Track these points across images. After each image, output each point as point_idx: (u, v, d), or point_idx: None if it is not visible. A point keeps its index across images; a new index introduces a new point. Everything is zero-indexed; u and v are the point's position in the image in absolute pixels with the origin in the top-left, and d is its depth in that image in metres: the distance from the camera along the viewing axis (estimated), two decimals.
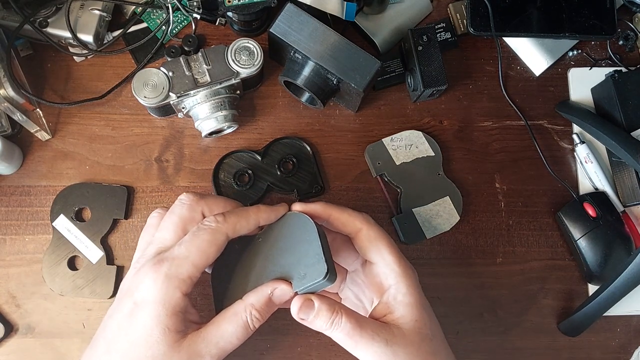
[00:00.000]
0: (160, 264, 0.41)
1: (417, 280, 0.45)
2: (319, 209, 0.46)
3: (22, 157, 0.56)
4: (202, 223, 0.43)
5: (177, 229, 0.43)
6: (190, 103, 0.54)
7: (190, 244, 0.42)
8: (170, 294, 0.40)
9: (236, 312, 0.42)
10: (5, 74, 0.52)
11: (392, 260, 0.45)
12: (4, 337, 0.53)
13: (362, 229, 0.46)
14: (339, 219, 0.46)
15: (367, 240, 0.46)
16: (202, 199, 0.45)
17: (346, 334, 0.42)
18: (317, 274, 0.41)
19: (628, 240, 0.56)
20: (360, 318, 0.42)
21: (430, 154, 0.58)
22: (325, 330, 0.42)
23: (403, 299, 0.44)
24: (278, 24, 0.52)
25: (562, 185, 0.59)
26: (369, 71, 0.51)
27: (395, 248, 0.46)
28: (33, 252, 0.55)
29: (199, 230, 0.42)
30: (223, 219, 0.43)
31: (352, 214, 0.46)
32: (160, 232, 0.44)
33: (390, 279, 0.45)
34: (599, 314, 0.54)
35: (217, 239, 0.42)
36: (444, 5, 0.62)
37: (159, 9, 0.59)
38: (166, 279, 0.40)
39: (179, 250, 0.41)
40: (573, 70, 0.62)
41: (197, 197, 0.44)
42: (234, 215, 0.44)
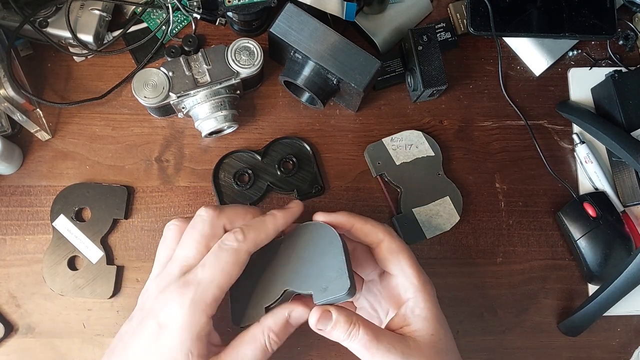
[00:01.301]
0: (187, 288, 0.41)
1: (434, 294, 0.46)
2: (343, 219, 0.47)
3: (22, 157, 0.56)
4: (224, 242, 0.43)
5: (200, 247, 0.43)
6: (190, 103, 0.54)
7: (215, 266, 0.42)
8: (197, 319, 0.40)
9: (254, 335, 0.43)
10: (5, 74, 0.52)
11: (411, 274, 0.45)
12: (4, 337, 0.53)
13: (383, 241, 0.46)
14: (361, 229, 0.47)
15: (389, 252, 0.46)
16: (222, 212, 0.45)
17: (363, 345, 0.42)
18: (339, 289, 0.42)
19: (628, 240, 0.56)
20: (377, 330, 0.43)
21: (430, 154, 0.58)
22: (342, 341, 0.43)
23: (420, 312, 0.44)
24: (278, 24, 0.52)
25: (562, 185, 0.59)
26: (369, 71, 0.51)
27: (415, 261, 0.46)
28: (33, 252, 0.55)
29: (221, 251, 0.42)
30: (243, 237, 0.43)
31: (375, 225, 0.47)
32: (183, 250, 0.43)
33: (409, 292, 0.45)
34: (599, 314, 0.54)
35: (239, 259, 0.42)
36: (444, 5, 0.62)
37: (159, 9, 0.59)
38: (192, 304, 0.40)
39: (203, 274, 0.41)
40: (573, 70, 0.62)
41: (216, 212, 0.44)
42: (253, 230, 0.44)
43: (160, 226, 0.56)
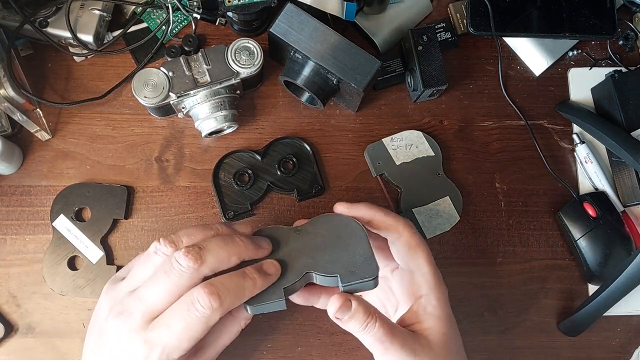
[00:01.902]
0: (150, 348, 0.40)
1: (447, 294, 0.46)
2: (364, 211, 0.46)
3: (22, 157, 0.56)
4: (195, 306, 0.39)
5: (171, 297, 0.40)
6: (190, 103, 0.54)
7: (181, 332, 0.40)
8: None
9: (231, 329, 0.46)
10: (5, 74, 0.52)
11: (428, 271, 0.45)
12: (4, 337, 0.53)
13: (403, 235, 0.46)
14: (383, 222, 0.46)
15: (408, 247, 0.46)
16: (204, 264, 0.41)
17: (377, 339, 0.42)
18: (368, 273, 0.43)
19: (628, 240, 0.56)
20: (392, 325, 0.43)
21: (430, 154, 0.58)
22: (356, 333, 0.42)
23: (433, 311, 0.44)
24: (278, 24, 0.52)
25: (562, 185, 0.59)
26: (369, 71, 0.51)
27: (432, 259, 0.46)
28: (33, 252, 0.55)
29: (190, 317, 0.39)
30: (218, 304, 0.40)
31: (396, 219, 0.46)
32: (151, 293, 0.41)
33: (422, 289, 0.45)
34: (599, 314, 0.54)
35: (209, 325, 0.40)
36: (444, 5, 0.62)
37: (159, 9, 0.59)
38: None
39: (169, 338, 0.40)
40: (573, 70, 0.62)
41: (197, 264, 0.40)
42: (230, 297, 0.40)
43: (160, 226, 0.56)
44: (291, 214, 0.57)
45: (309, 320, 0.55)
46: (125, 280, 0.44)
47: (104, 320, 0.43)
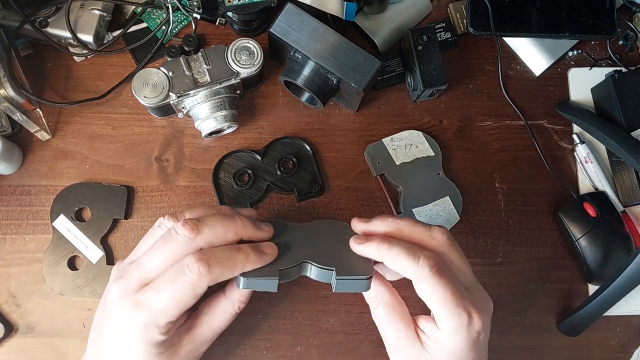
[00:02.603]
0: (139, 310, 0.41)
1: (477, 329, 0.43)
2: (373, 253, 0.44)
3: (22, 157, 0.56)
4: (184, 271, 0.41)
5: (165, 264, 0.42)
6: (190, 103, 0.54)
7: (169, 296, 0.41)
8: (152, 337, 0.42)
9: (225, 310, 0.46)
10: (5, 74, 0.52)
11: (445, 318, 0.43)
12: (4, 336, 0.53)
13: (414, 281, 0.43)
14: (392, 265, 0.43)
15: (420, 293, 0.43)
16: (200, 234, 0.42)
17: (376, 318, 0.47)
18: (363, 272, 0.43)
19: (628, 240, 0.56)
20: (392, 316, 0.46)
21: (430, 154, 0.58)
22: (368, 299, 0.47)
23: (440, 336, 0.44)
24: (278, 24, 0.52)
25: (562, 185, 0.59)
26: (369, 71, 0.51)
27: (451, 298, 0.42)
28: (33, 252, 0.55)
29: (179, 281, 0.41)
30: (207, 270, 0.41)
31: (406, 264, 0.42)
32: (148, 260, 0.43)
33: (441, 325, 0.44)
34: (599, 314, 0.54)
35: (196, 292, 0.41)
36: (444, 5, 0.62)
37: (159, 9, 0.59)
38: (145, 327, 0.41)
39: (156, 301, 0.41)
40: (573, 70, 0.62)
41: (193, 234, 0.42)
42: (220, 266, 0.41)
43: None
44: (291, 214, 0.57)
45: (309, 320, 0.55)
46: (131, 254, 0.47)
47: (107, 289, 0.45)
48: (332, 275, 0.44)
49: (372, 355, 0.55)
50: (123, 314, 0.42)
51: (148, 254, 0.43)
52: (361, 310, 0.55)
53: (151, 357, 0.42)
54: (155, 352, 0.42)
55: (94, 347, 0.45)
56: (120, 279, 0.43)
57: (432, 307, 0.43)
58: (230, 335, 0.49)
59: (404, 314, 0.46)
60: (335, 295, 0.56)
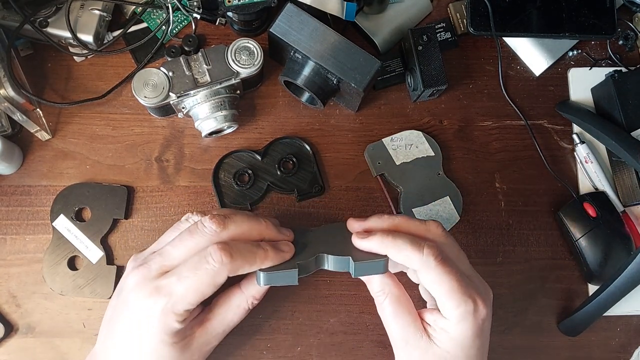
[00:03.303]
0: (158, 295, 0.42)
1: (481, 317, 0.44)
2: (376, 247, 0.45)
3: (22, 157, 0.56)
4: (207, 259, 0.42)
5: (189, 253, 0.44)
6: (190, 103, 0.54)
7: (190, 283, 0.42)
8: (169, 324, 0.43)
9: (239, 304, 0.47)
10: (5, 74, 0.52)
11: (450, 306, 0.43)
12: (4, 337, 0.53)
13: (419, 271, 0.44)
14: (395, 259, 0.44)
15: (424, 283, 0.44)
16: (226, 230, 0.44)
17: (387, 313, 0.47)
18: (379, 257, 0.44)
19: (628, 240, 0.56)
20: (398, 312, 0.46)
21: (430, 154, 0.58)
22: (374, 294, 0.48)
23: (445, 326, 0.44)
24: (278, 24, 0.52)
25: (562, 185, 0.59)
26: (369, 71, 0.51)
27: (456, 288, 0.43)
28: (33, 252, 0.55)
29: (200, 268, 0.42)
30: (229, 260, 0.42)
31: (411, 254, 0.43)
32: (172, 249, 0.44)
33: (446, 314, 0.44)
34: (599, 314, 0.54)
35: (216, 281, 0.42)
36: (444, 5, 0.62)
37: (159, 9, 0.59)
38: (163, 313, 0.42)
39: (177, 287, 0.42)
40: (573, 70, 0.62)
41: (220, 228, 0.44)
42: (241, 258, 0.43)
43: (160, 226, 0.56)
44: (291, 214, 0.57)
45: (309, 320, 0.55)
46: (153, 244, 0.47)
47: (125, 278, 0.46)
48: (349, 263, 0.44)
49: (372, 355, 0.55)
50: (141, 300, 0.42)
51: (172, 244, 0.44)
52: (361, 310, 0.56)
53: (165, 346, 0.43)
54: (170, 342, 0.43)
55: (105, 336, 0.45)
56: (141, 266, 0.44)
57: (438, 296, 0.44)
58: (231, 335, 0.48)
59: (410, 308, 0.46)
60: (335, 295, 0.56)
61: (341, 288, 0.56)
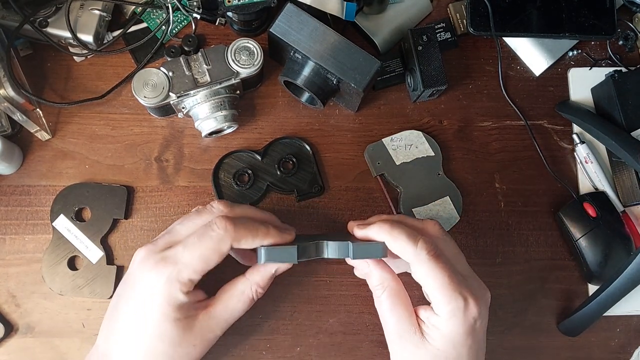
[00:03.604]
0: (164, 265, 0.43)
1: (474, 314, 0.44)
2: (374, 234, 0.46)
3: (22, 157, 0.56)
4: (211, 227, 0.43)
5: (195, 228, 0.45)
6: (190, 103, 0.54)
7: (195, 250, 0.43)
8: (173, 294, 0.43)
9: (243, 291, 0.47)
10: (5, 74, 0.52)
11: (441, 301, 0.43)
12: (4, 337, 0.53)
13: (412, 263, 0.44)
14: (392, 247, 0.45)
15: (416, 276, 0.45)
16: (232, 211, 0.46)
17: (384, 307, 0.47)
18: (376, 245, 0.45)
19: (628, 240, 0.56)
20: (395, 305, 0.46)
21: (430, 154, 0.58)
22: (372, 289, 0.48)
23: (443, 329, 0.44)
24: (278, 24, 0.52)
25: (562, 185, 0.59)
26: (369, 71, 0.51)
27: (447, 282, 0.43)
28: (33, 252, 0.55)
29: (205, 235, 0.43)
30: (232, 228, 0.43)
31: (405, 245, 0.44)
32: (181, 227, 0.46)
33: (438, 310, 0.44)
34: (599, 314, 0.54)
35: (221, 248, 0.43)
36: (444, 5, 0.62)
37: (159, 9, 0.59)
38: (167, 282, 0.43)
39: (182, 255, 0.43)
40: (573, 70, 0.62)
41: (227, 209, 0.46)
42: (244, 229, 0.44)
43: (160, 226, 0.56)
44: (291, 214, 0.57)
45: (309, 320, 0.55)
46: (164, 236, 0.47)
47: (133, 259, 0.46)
48: (347, 247, 0.45)
49: (372, 355, 0.55)
50: (146, 273, 0.43)
51: (180, 222, 0.46)
52: (361, 310, 0.55)
53: (168, 322, 0.43)
54: (173, 317, 0.43)
55: (108, 326, 0.46)
56: (149, 244, 0.45)
57: (429, 291, 0.44)
58: (230, 335, 0.48)
59: (407, 303, 0.47)
60: (334, 295, 0.56)
61: (341, 288, 0.56)
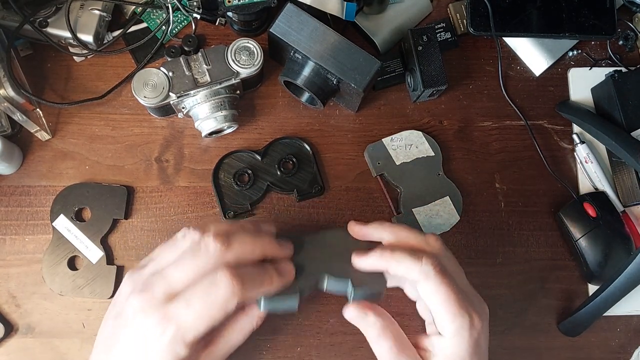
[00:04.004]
0: (168, 323, 0.40)
1: (477, 332, 0.43)
2: (377, 263, 0.45)
3: (22, 157, 0.56)
4: (218, 285, 0.40)
5: (194, 276, 0.41)
6: (190, 103, 0.54)
7: (200, 310, 0.40)
8: (177, 351, 0.40)
9: (244, 326, 0.46)
10: (5, 74, 0.52)
11: (446, 318, 0.43)
12: (4, 337, 0.53)
13: (418, 282, 0.44)
14: (395, 272, 0.44)
15: (422, 294, 0.44)
16: (229, 249, 0.42)
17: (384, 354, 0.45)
18: (377, 286, 0.45)
19: (628, 240, 0.56)
20: (401, 348, 0.45)
21: (430, 154, 0.58)
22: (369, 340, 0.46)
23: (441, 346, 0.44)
24: (278, 24, 0.52)
25: (562, 185, 0.59)
26: (369, 71, 0.51)
27: (453, 299, 0.43)
28: (33, 252, 0.55)
29: (211, 295, 0.40)
30: (241, 287, 0.40)
31: (410, 265, 0.43)
32: (175, 272, 0.42)
33: (443, 330, 0.44)
34: (599, 314, 0.54)
35: (227, 309, 0.41)
36: (444, 5, 0.62)
37: (159, 9, 0.59)
38: (172, 341, 0.40)
39: (186, 315, 0.40)
40: (573, 70, 0.62)
41: (224, 247, 0.42)
42: (251, 284, 0.41)
43: (160, 226, 0.56)
44: (291, 214, 0.57)
45: (309, 320, 0.55)
46: (150, 264, 0.44)
47: (124, 300, 0.43)
48: (347, 285, 0.45)
49: (372, 355, 0.55)
50: (149, 327, 0.40)
51: (175, 266, 0.42)
52: None
53: None
54: None
55: (105, 353, 0.43)
56: (143, 291, 0.42)
57: (435, 308, 0.43)
58: None
59: (408, 344, 0.46)
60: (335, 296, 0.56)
61: None
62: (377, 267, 0.45)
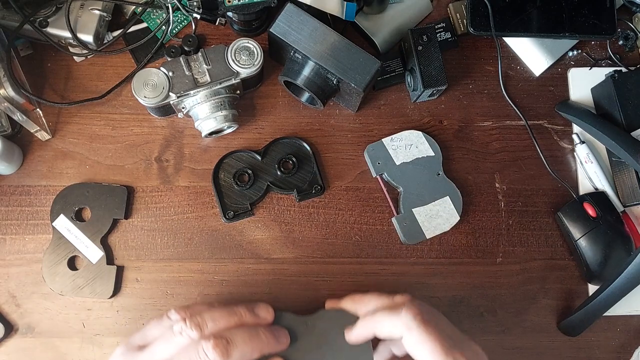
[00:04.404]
0: None
1: None
2: (363, 333, 0.46)
3: (22, 157, 0.56)
4: None
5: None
6: (190, 103, 0.54)
7: None
8: None
9: None
10: (5, 74, 0.52)
11: None
12: (4, 337, 0.53)
13: (403, 336, 0.44)
14: (381, 333, 0.45)
15: (409, 347, 0.44)
16: (229, 358, 0.42)
17: None
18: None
19: (628, 240, 0.56)
20: None
21: (430, 154, 0.58)
22: None
23: None
24: (278, 24, 0.52)
25: (562, 185, 0.59)
26: (369, 71, 0.51)
27: (440, 349, 0.42)
28: (33, 252, 0.55)
29: None
30: None
31: (392, 319, 0.44)
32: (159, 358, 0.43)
33: None
34: (599, 314, 0.54)
35: None
36: (444, 5, 0.62)
37: (159, 9, 0.59)
38: None
39: None
40: (573, 70, 0.62)
41: (224, 358, 0.42)
42: None
43: (160, 226, 0.56)
44: (291, 214, 0.57)
45: None
46: (145, 354, 0.44)
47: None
48: None
49: None
50: None
51: (163, 351, 0.42)
52: None
53: None
54: None
55: None
56: (127, 350, 0.43)
57: (423, 358, 0.43)
58: None
59: None
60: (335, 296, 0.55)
61: (341, 289, 0.56)
62: (366, 335, 0.46)
